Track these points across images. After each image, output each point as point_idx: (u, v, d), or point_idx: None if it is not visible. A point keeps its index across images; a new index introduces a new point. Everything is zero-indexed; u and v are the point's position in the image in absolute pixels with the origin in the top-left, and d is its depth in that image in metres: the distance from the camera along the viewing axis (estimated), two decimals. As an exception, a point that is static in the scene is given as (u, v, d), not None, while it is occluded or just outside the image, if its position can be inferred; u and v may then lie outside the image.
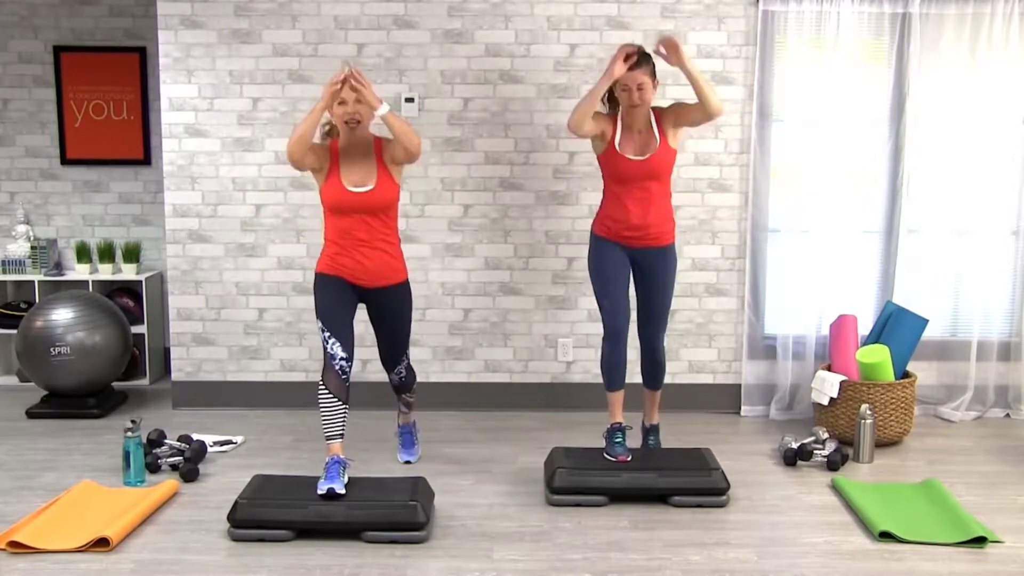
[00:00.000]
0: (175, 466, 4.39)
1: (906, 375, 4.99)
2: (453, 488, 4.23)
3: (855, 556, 3.59)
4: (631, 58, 4.16)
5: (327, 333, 4.04)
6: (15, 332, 5.33)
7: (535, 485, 4.27)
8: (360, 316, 4.36)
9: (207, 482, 4.30)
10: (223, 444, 4.76)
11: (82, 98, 5.98)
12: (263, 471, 4.31)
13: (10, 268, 5.89)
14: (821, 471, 4.49)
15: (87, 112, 5.99)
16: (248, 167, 5.28)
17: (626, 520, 3.90)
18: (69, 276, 5.92)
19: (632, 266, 4.37)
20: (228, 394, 5.43)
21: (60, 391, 5.25)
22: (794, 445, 4.59)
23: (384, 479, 3.98)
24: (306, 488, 3.84)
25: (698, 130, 5.16)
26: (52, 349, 5.12)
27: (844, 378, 4.86)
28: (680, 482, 4.05)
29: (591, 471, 4.10)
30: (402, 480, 3.94)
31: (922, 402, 5.34)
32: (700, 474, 4.07)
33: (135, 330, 5.78)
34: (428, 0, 5.16)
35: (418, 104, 5.21)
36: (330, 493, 3.77)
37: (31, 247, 5.89)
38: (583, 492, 4.05)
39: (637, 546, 3.66)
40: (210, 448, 4.65)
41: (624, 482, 4.06)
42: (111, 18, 5.94)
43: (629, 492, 4.05)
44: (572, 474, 4.07)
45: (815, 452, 4.54)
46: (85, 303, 5.26)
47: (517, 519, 3.92)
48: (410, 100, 5.20)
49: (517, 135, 5.25)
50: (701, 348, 5.40)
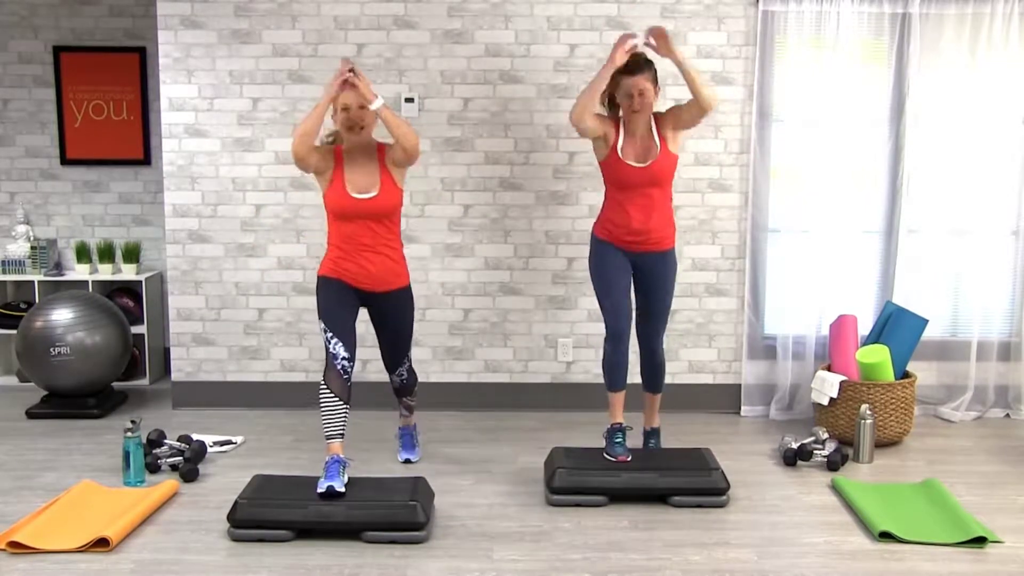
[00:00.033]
0: (175, 466, 4.39)
1: (906, 375, 4.99)
2: (453, 488, 4.23)
3: (855, 556, 3.59)
4: (632, 44, 4.20)
5: (329, 333, 4.05)
6: (15, 332, 5.33)
7: (535, 485, 4.27)
8: (361, 316, 4.36)
9: (207, 482, 4.30)
10: (223, 444, 4.76)
11: (82, 98, 5.98)
12: (263, 471, 4.31)
13: (10, 268, 5.89)
14: (821, 471, 4.49)
15: (87, 112, 5.99)
16: (248, 167, 5.28)
17: (626, 520, 3.90)
18: (69, 276, 5.92)
19: (633, 269, 4.39)
20: (228, 394, 5.43)
21: (60, 391, 5.25)
22: (794, 445, 4.59)
23: (384, 479, 3.98)
24: (306, 488, 3.84)
25: (698, 130, 5.16)
26: (52, 349, 5.12)
27: (844, 378, 4.86)
28: (680, 482, 4.05)
29: (591, 471, 4.10)
30: (402, 480, 3.94)
31: (922, 402, 5.34)
32: (700, 474, 4.07)
33: (135, 330, 5.78)
34: (428, 0, 5.16)
35: (418, 104, 5.21)
36: (329, 491, 3.77)
37: (31, 247, 5.89)
38: (583, 492, 4.05)
39: (637, 546, 3.66)
40: (210, 448, 4.65)
41: (624, 482, 4.06)
42: (111, 18, 5.94)
43: (629, 492, 4.06)
44: (572, 474, 4.07)
45: (815, 452, 4.54)
46: (85, 303, 5.26)
47: (517, 519, 3.92)
48: (410, 100, 5.20)
49: (517, 135, 5.25)
50: (701, 348, 5.41)
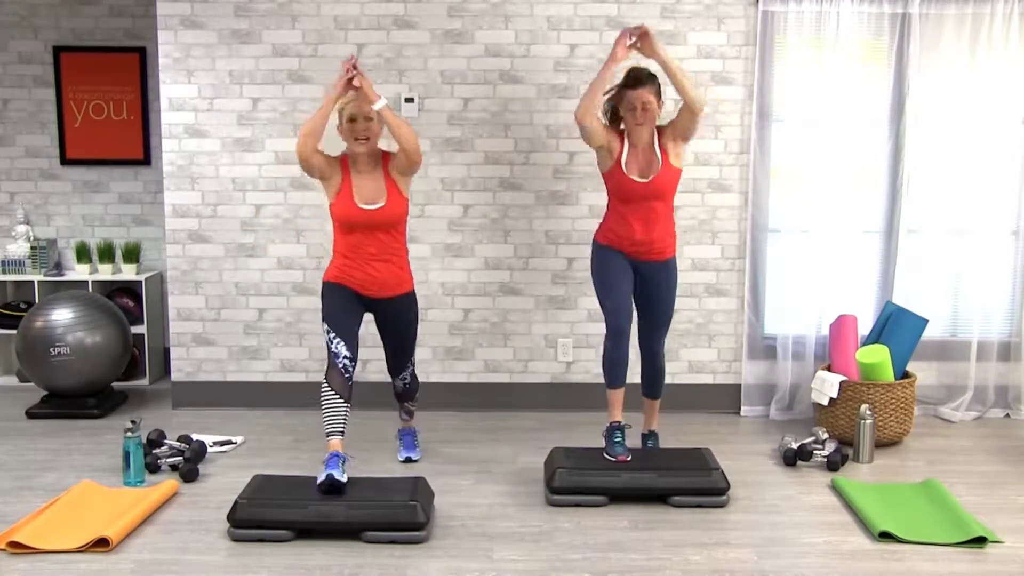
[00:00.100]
0: (175, 466, 4.39)
1: (906, 375, 4.99)
2: (453, 488, 4.23)
3: (855, 556, 3.59)
4: (639, 37, 4.22)
5: (332, 333, 4.08)
6: (15, 332, 5.33)
7: (535, 485, 4.27)
8: (363, 318, 4.36)
9: (207, 482, 4.30)
10: (223, 444, 4.76)
11: (82, 98, 5.98)
12: (263, 471, 4.30)
13: (10, 268, 5.89)
14: (821, 471, 4.49)
15: (87, 112, 5.98)
16: (248, 167, 5.28)
17: (626, 520, 3.90)
18: (69, 276, 5.92)
19: (635, 275, 4.40)
20: (228, 394, 5.43)
21: (60, 391, 5.25)
22: (794, 445, 4.58)
23: (384, 479, 3.98)
24: (306, 488, 3.83)
25: (698, 130, 5.16)
26: (52, 349, 5.12)
27: (844, 378, 4.86)
28: (680, 482, 4.05)
29: (591, 471, 4.10)
30: (402, 480, 3.94)
31: (922, 402, 5.34)
32: (700, 474, 4.07)
33: (135, 330, 5.78)
34: (428, 0, 5.16)
35: (418, 104, 5.21)
36: (329, 479, 3.76)
37: (31, 247, 5.89)
38: (583, 492, 4.04)
39: (637, 546, 3.66)
40: (210, 448, 4.65)
41: (624, 482, 4.06)
42: (111, 18, 5.94)
43: (629, 492, 4.05)
44: (572, 474, 4.07)
45: (815, 452, 4.54)
46: (85, 303, 5.26)
47: (517, 519, 3.92)
48: (410, 100, 5.19)
49: (517, 135, 5.25)
50: (701, 348, 5.41)
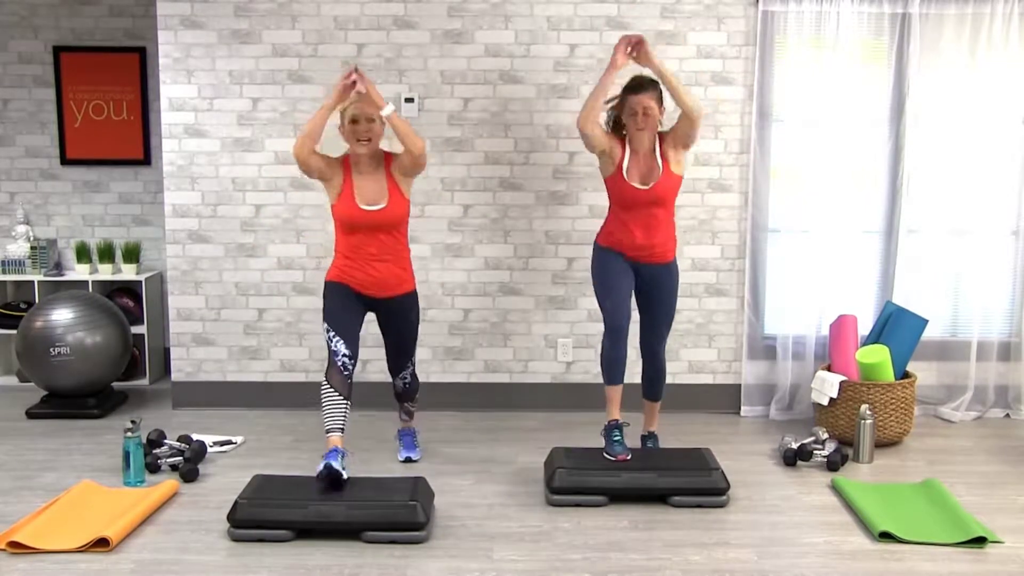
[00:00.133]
0: (175, 466, 4.39)
1: (906, 375, 4.99)
2: (453, 488, 4.23)
3: (855, 556, 3.59)
4: (634, 47, 4.20)
5: (331, 332, 4.11)
6: (15, 332, 5.33)
7: (535, 485, 4.27)
8: (365, 317, 4.36)
9: (207, 482, 4.30)
10: (223, 444, 4.76)
11: (82, 98, 5.98)
12: (263, 471, 4.30)
13: (10, 268, 5.89)
14: (821, 471, 4.49)
15: (87, 112, 5.98)
16: (248, 167, 5.28)
17: (626, 520, 3.90)
18: (69, 276, 5.92)
19: (636, 278, 4.40)
20: (228, 394, 5.43)
21: (60, 391, 5.25)
22: (794, 445, 4.58)
23: (384, 479, 3.98)
24: (306, 488, 3.83)
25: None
26: (52, 349, 5.12)
27: (844, 378, 4.86)
28: (680, 482, 4.05)
29: (591, 471, 4.10)
30: (402, 480, 3.94)
31: (922, 402, 5.34)
32: (700, 474, 4.07)
33: (135, 330, 5.78)
34: (428, 0, 5.16)
35: (418, 104, 5.21)
36: (327, 468, 3.78)
37: (31, 247, 5.89)
38: (583, 492, 4.04)
39: (637, 546, 3.66)
40: (210, 448, 4.65)
41: (624, 482, 4.06)
42: (111, 18, 5.94)
43: (629, 492, 4.05)
44: (572, 474, 4.07)
45: (815, 452, 4.54)
46: (85, 303, 5.26)
47: (517, 519, 3.92)
48: (410, 100, 5.19)
49: (517, 135, 5.25)
50: (701, 348, 5.40)
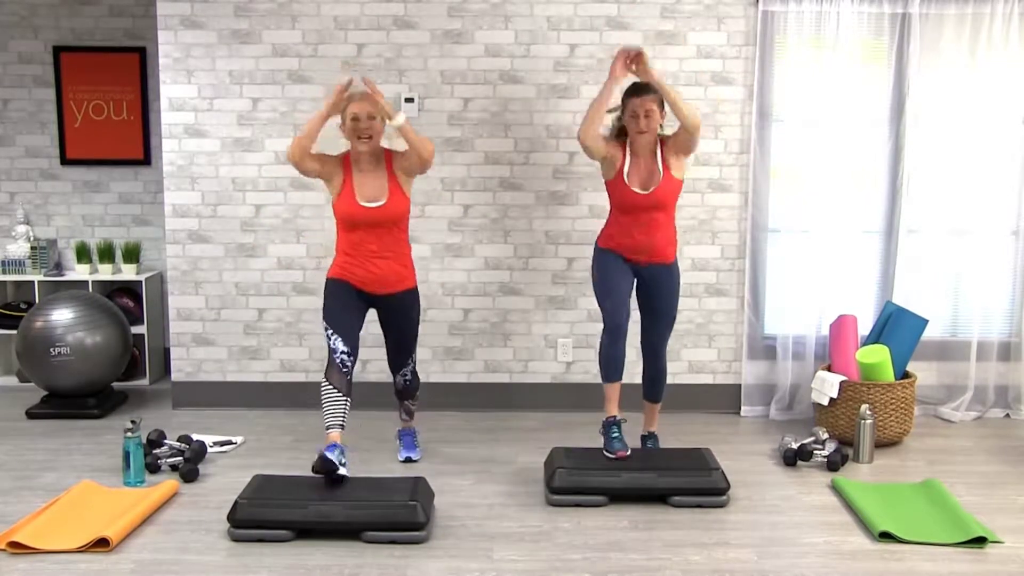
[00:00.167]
0: (175, 466, 4.39)
1: (906, 375, 4.99)
2: (453, 488, 4.23)
3: (855, 556, 3.59)
4: (634, 59, 4.19)
5: (330, 330, 4.15)
6: (15, 332, 5.33)
7: (535, 485, 4.27)
8: (366, 314, 4.36)
9: (207, 482, 4.30)
10: (223, 444, 4.76)
11: (82, 98, 5.98)
12: (263, 471, 4.30)
13: (10, 268, 5.89)
14: (821, 471, 4.49)
15: (87, 112, 5.98)
16: (248, 167, 5.28)
17: (626, 520, 3.90)
18: (69, 276, 5.92)
19: (637, 279, 4.41)
20: (228, 394, 5.43)
21: (60, 391, 5.25)
22: (794, 445, 4.58)
23: (384, 479, 3.98)
24: (306, 488, 3.84)
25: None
26: (52, 349, 5.12)
27: (844, 378, 4.86)
28: (680, 482, 4.05)
29: (591, 471, 4.10)
30: (402, 480, 3.94)
31: (922, 402, 5.34)
32: (700, 474, 4.07)
33: (135, 330, 5.78)
34: (428, 0, 5.16)
35: (418, 104, 5.21)
36: (321, 459, 3.83)
37: (31, 247, 5.89)
38: (583, 492, 4.04)
39: (637, 546, 3.66)
40: (210, 448, 4.65)
41: (624, 482, 4.06)
42: (111, 18, 5.94)
43: (629, 492, 4.05)
44: (572, 474, 4.07)
45: (815, 452, 4.54)
46: (85, 303, 5.26)
47: (517, 519, 3.92)
48: (410, 100, 5.19)
49: (517, 135, 5.25)
50: (701, 348, 5.40)
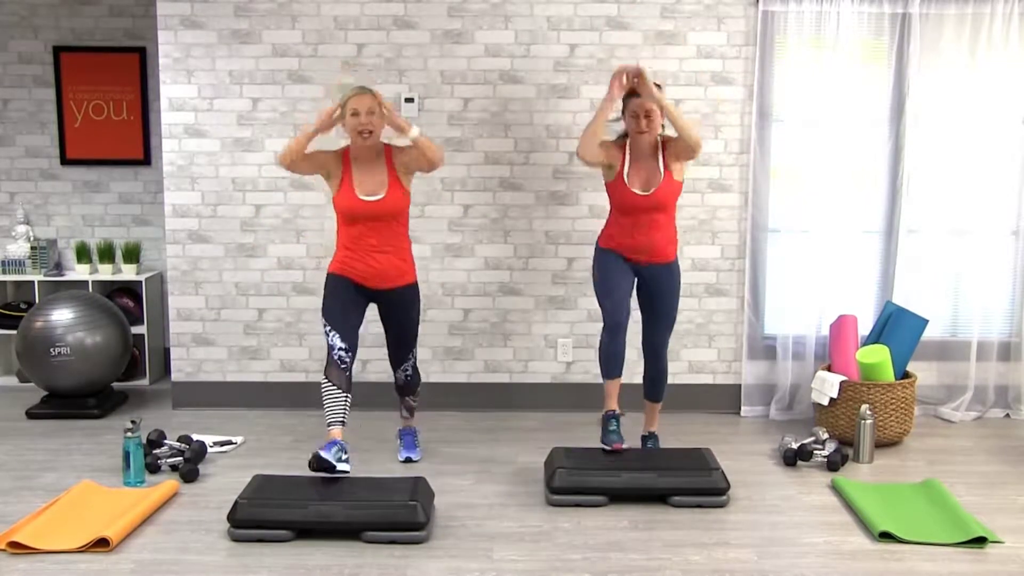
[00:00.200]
0: (175, 466, 4.39)
1: (906, 375, 4.99)
2: (453, 488, 4.23)
3: (855, 556, 3.59)
4: (630, 79, 4.19)
5: (328, 327, 4.19)
6: (15, 332, 5.33)
7: (535, 485, 4.27)
8: (366, 309, 4.36)
9: (207, 482, 4.30)
10: (223, 444, 4.76)
11: (82, 98, 5.98)
12: (263, 471, 4.31)
13: (10, 268, 5.89)
14: (821, 471, 4.49)
15: (87, 112, 5.98)
16: (248, 167, 5.28)
17: (626, 520, 3.90)
18: (69, 276, 5.92)
19: (637, 279, 4.42)
20: (228, 394, 5.43)
21: (60, 391, 5.25)
22: (794, 445, 4.58)
23: (384, 479, 3.98)
24: (306, 488, 3.84)
25: (698, 131, 5.17)
26: (52, 349, 5.12)
27: (844, 378, 4.86)
28: (680, 482, 4.05)
29: (591, 471, 4.10)
30: (402, 480, 3.94)
31: (922, 402, 5.34)
32: (700, 474, 4.07)
33: (135, 330, 5.78)
34: (428, 0, 5.16)
35: (418, 104, 5.21)
36: (315, 458, 3.91)
37: (31, 247, 5.89)
38: (583, 492, 4.04)
39: (637, 546, 3.66)
40: (210, 448, 4.65)
41: (624, 482, 4.06)
42: (111, 18, 5.94)
43: (629, 492, 4.05)
44: (572, 474, 4.07)
45: (815, 452, 4.54)
46: (85, 303, 5.26)
47: (517, 519, 3.92)
48: (410, 100, 5.19)
49: (517, 135, 5.25)
50: (701, 348, 5.40)
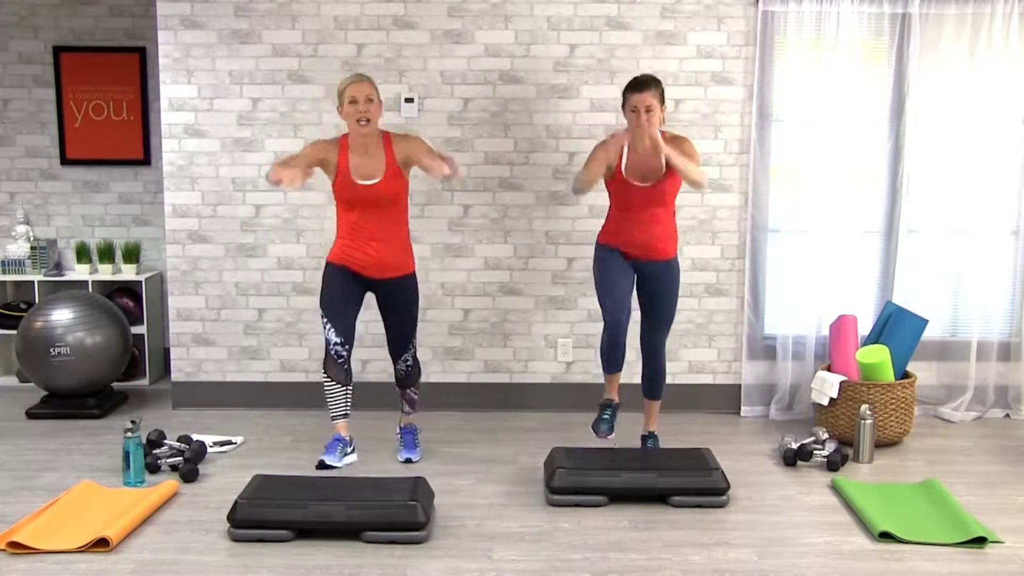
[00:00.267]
0: (175, 466, 4.39)
1: (906, 375, 4.99)
2: (453, 488, 4.23)
3: (855, 556, 3.59)
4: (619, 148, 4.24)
5: (325, 320, 4.31)
6: (15, 332, 5.33)
7: (535, 485, 4.27)
8: (361, 316, 4.37)
9: (207, 482, 4.30)
10: (223, 444, 4.76)
11: (82, 98, 5.98)
12: (263, 471, 4.31)
13: (10, 268, 5.89)
14: (821, 471, 4.49)
15: (87, 112, 5.98)
16: (248, 167, 5.28)
17: (626, 520, 3.90)
18: (69, 276, 5.92)
19: (636, 275, 4.42)
20: (228, 394, 5.43)
21: (60, 391, 5.25)
22: (794, 445, 4.58)
23: (384, 479, 3.97)
24: (306, 488, 3.83)
25: (698, 131, 5.17)
26: (52, 349, 5.12)
27: (844, 378, 4.86)
28: (680, 482, 4.05)
29: (591, 471, 4.09)
30: (402, 480, 3.94)
31: (922, 402, 5.34)
32: (700, 474, 4.07)
33: (135, 330, 5.78)
34: (428, 0, 5.16)
35: (418, 104, 5.21)
36: (320, 464, 4.31)
37: (31, 247, 5.89)
38: (583, 492, 4.04)
39: (637, 546, 3.66)
40: (210, 448, 4.65)
41: (624, 482, 4.06)
42: (111, 18, 5.94)
43: (629, 492, 4.05)
44: (572, 474, 4.07)
45: (815, 452, 4.54)
46: (85, 303, 5.26)
47: (517, 519, 3.92)
48: (410, 100, 5.19)
49: (517, 135, 5.25)
50: (701, 348, 5.40)
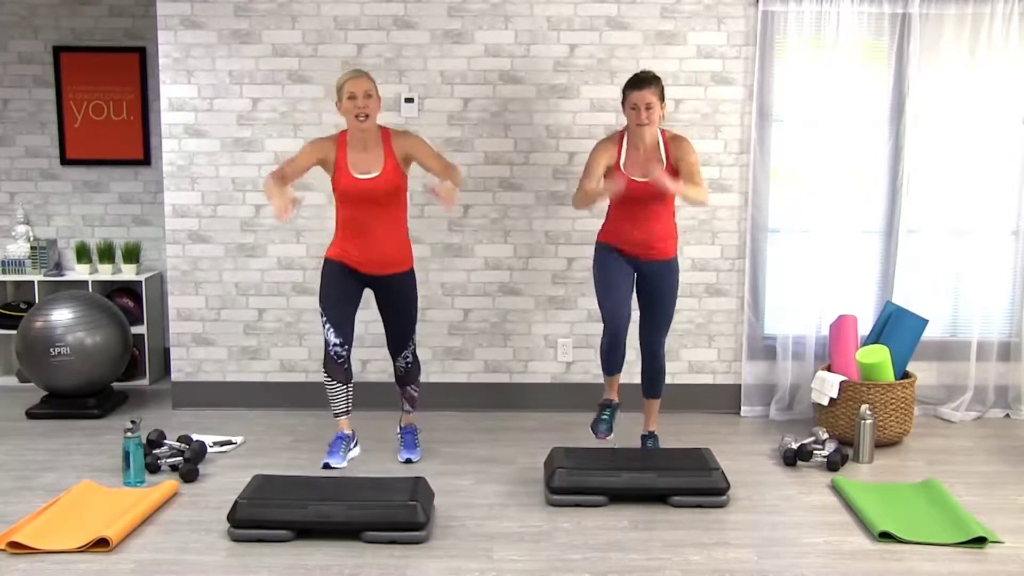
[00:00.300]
0: (175, 466, 4.39)
1: (906, 375, 4.99)
2: (453, 488, 4.23)
3: (855, 556, 3.59)
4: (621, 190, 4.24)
5: (325, 320, 4.33)
6: (15, 332, 5.33)
7: (535, 485, 4.27)
8: (361, 316, 4.36)
9: (207, 482, 4.30)
10: (223, 444, 4.76)
11: (82, 98, 5.98)
12: (263, 471, 4.31)
13: (10, 268, 5.89)
14: (821, 471, 4.49)
15: (87, 112, 5.98)
16: (248, 167, 5.28)
17: (626, 520, 3.90)
18: (69, 276, 5.92)
19: (636, 275, 4.42)
20: (228, 394, 5.43)
21: (60, 391, 5.25)
22: (794, 445, 4.58)
23: (384, 479, 3.97)
24: (306, 488, 3.83)
25: (698, 131, 5.17)
26: (52, 349, 5.12)
27: (844, 378, 4.86)
28: (680, 482, 4.05)
29: (591, 471, 4.09)
30: (402, 480, 3.94)
31: (922, 402, 5.34)
32: (700, 474, 4.07)
33: (135, 330, 5.78)
34: (428, 0, 5.16)
35: (418, 104, 5.21)
36: (325, 467, 4.33)
37: (31, 247, 5.89)
38: (583, 492, 4.04)
39: (637, 546, 3.66)
40: (210, 448, 4.65)
41: (624, 482, 4.06)
42: (111, 18, 5.94)
43: (629, 492, 4.05)
44: (572, 474, 4.07)
45: (815, 452, 4.54)
46: (85, 303, 5.26)
47: (517, 519, 3.92)
48: (410, 100, 5.19)
49: (517, 135, 5.25)
50: (701, 348, 5.40)
